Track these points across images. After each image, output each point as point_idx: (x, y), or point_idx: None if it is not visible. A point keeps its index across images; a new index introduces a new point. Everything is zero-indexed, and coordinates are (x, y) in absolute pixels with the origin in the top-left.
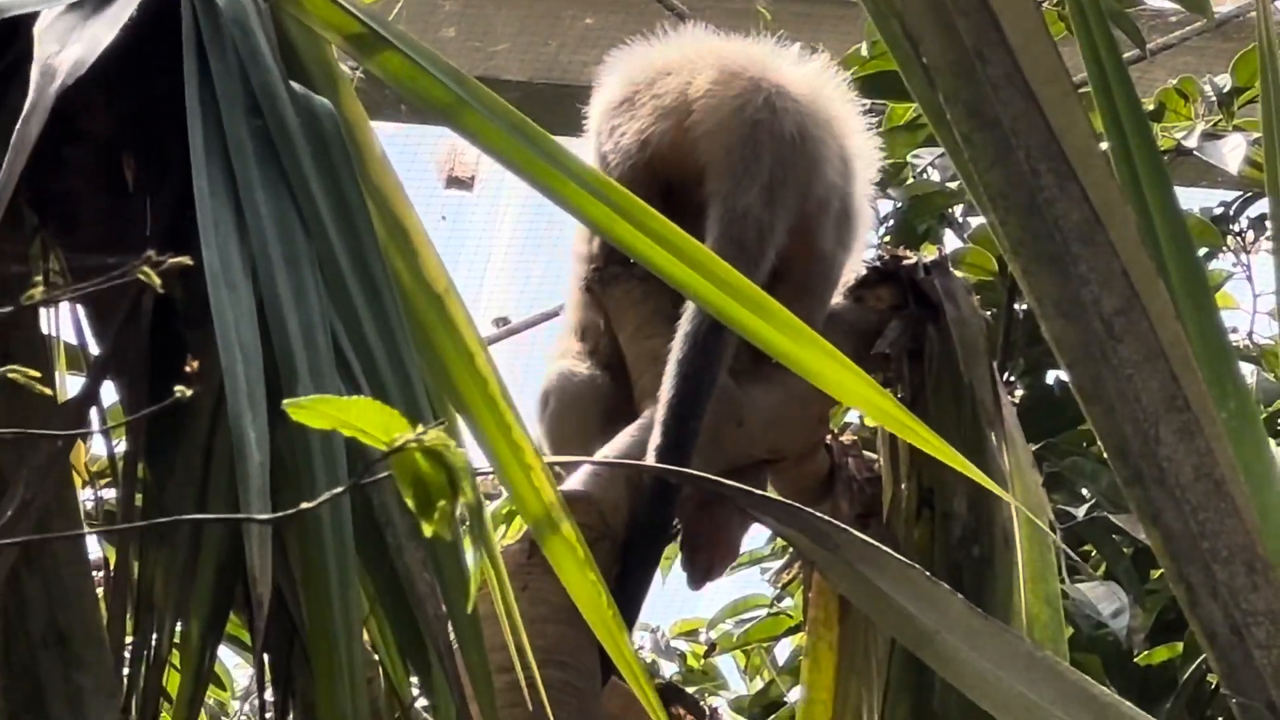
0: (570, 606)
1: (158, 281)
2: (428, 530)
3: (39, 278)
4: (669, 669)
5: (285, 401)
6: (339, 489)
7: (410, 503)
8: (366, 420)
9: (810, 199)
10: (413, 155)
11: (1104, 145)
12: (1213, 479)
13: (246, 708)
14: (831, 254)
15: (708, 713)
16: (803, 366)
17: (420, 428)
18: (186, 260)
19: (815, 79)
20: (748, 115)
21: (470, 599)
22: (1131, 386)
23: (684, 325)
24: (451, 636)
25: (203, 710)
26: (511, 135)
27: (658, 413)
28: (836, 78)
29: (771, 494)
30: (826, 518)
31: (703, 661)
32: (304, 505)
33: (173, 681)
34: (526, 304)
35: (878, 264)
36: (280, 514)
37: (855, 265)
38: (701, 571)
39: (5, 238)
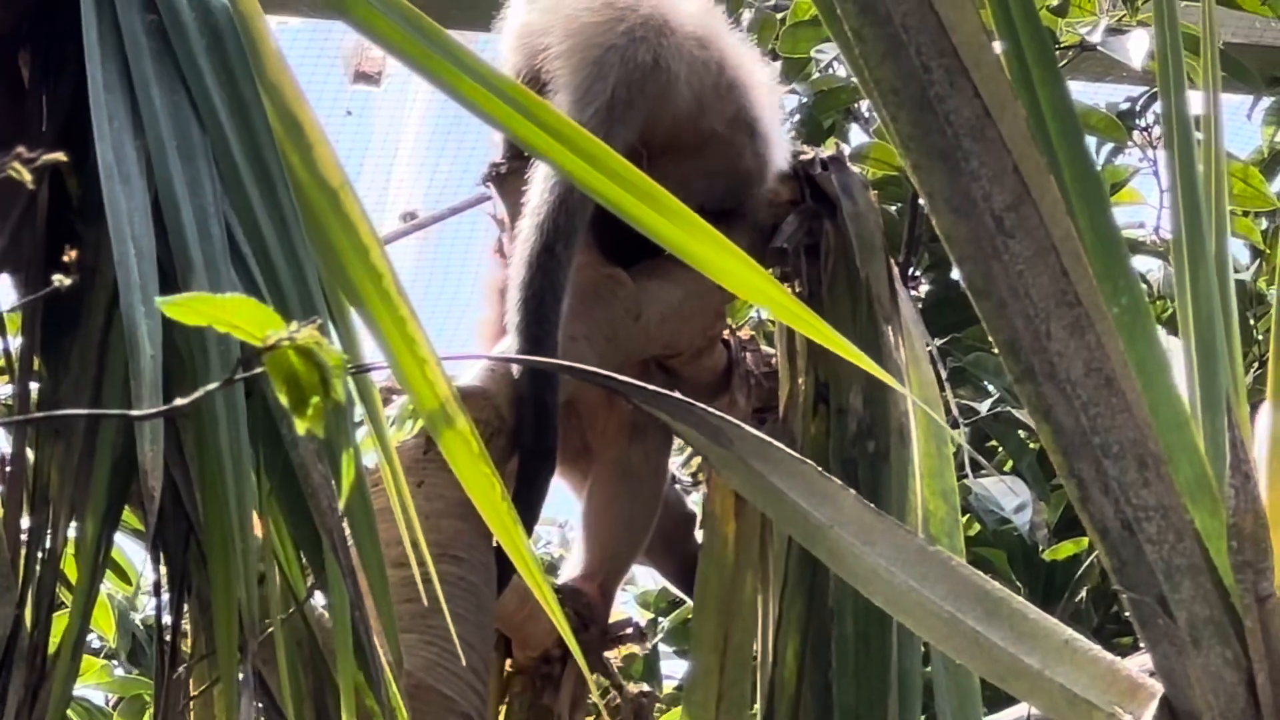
0: (466, 501)
1: (29, 178)
2: (301, 428)
3: None
4: None
5: (159, 300)
6: (214, 384)
7: (283, 400)
8: (242, 317)
9: (661, 127)
10: (319, 50)
11: (997, 45)
12: (1103, 374)
13: (155, 602)
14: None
15: (629, 629)
16: (699, 261)
17: (293, 325)
18: (61, 156)
19: (700, 18)
20: (601, 40)
21: (345, 484)
22: (1022, 282)
23: (519, 249)
24: (346, 531)
25: (112, 605)
26: (405, 29)
27: (509, 337)
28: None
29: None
30: (719, 413)
31: None
32: (179, 401)
33: (73, 573)
34: (434, 198)
35: None
36: (164, 408)
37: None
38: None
39: None
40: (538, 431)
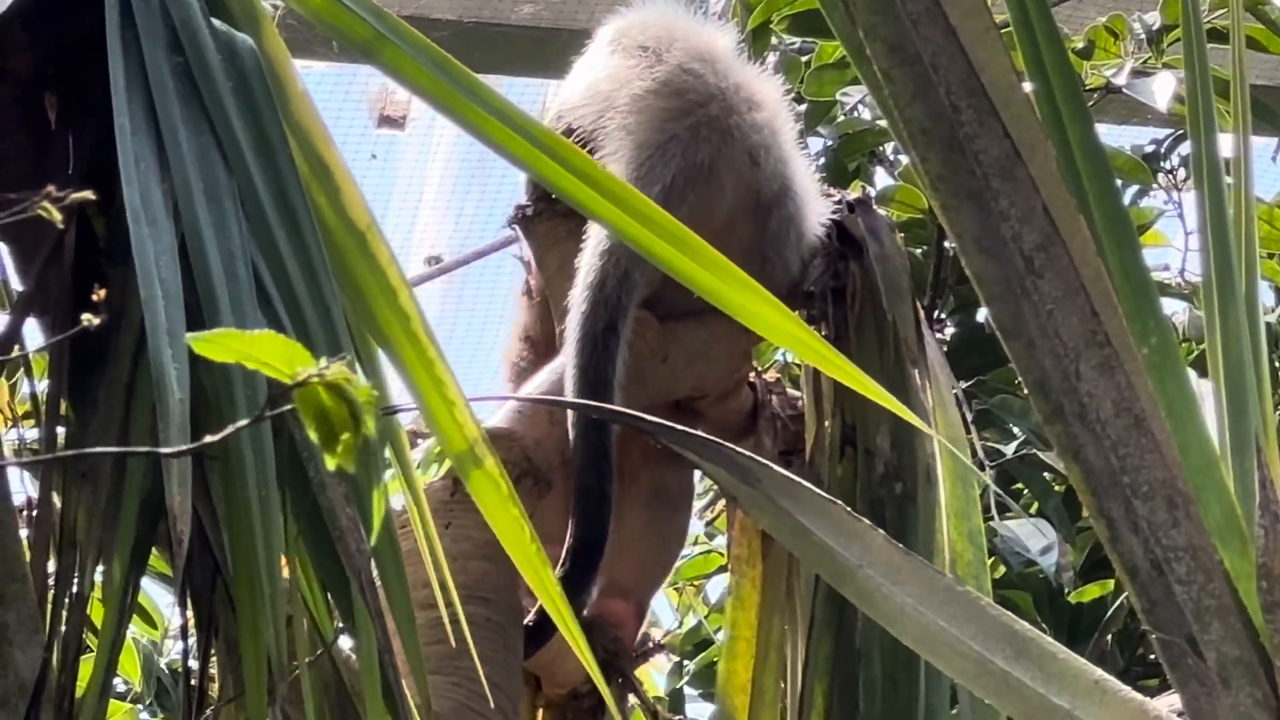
0: (493, 543)
1: (58, 217)
2: (331, 463)
3: None
4: None
5: (189, 335)
6: (243, 422)
7: (313, 436)
8: (270, 354)
9: (711, 225)
10: (344, 94)
11: (1027, 85)
12: (1133, 414)
13: (180, 646)
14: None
15: (649, 645)
16: (727, 303)
17: (323, 361)
18: (89, 195)
19: (764, 125)
20: (667, 126)
21: (375, 526)
22: (1052, 322)
23: (579, 322)
24: (374, 573)
25: (138, 649)
26: (433, 71)
27: (567, 378)
28: (787, 116)
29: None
30: (748, 453)
31: None
32: (207, 439)
33: (99, 616)
34: (459, 242)
35: None
36: (192, 446)
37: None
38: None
39: None
40: (599, 474)
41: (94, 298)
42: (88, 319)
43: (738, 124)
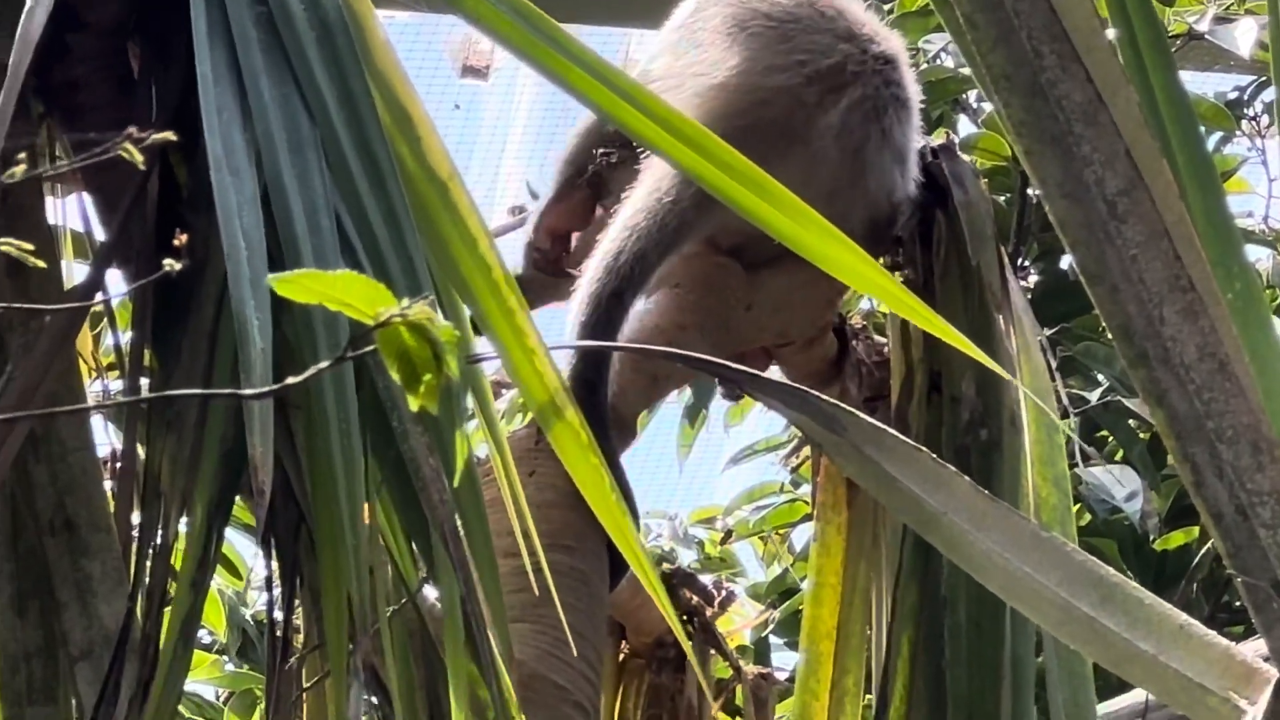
0: (577, 491)
1: (140, 158)
2: (414, 404)
3: (45, 164)
4: (687, 556)
5: (270, 276)
6: (326, 363)
7: (395, 376)
8: (352, 294)
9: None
10: (427, 44)
11: (1109, 31)
12: (1217, 359)
13: (265, 597)
14: None
15: (722, 594)
16: (810, 251)
17: (405, 301)
18: (171, 136)
19: (848, 107)
20: (722, 126)
21: (457, 472)
22: (1135, 267)
23: (586, 286)
24: (457, 522)
25: (222, 600)
26: (515, 20)
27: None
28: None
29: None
30: (834, 401)
31: (720, 548)
32: (290, 380)
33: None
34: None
35: None
36: (274, 387)
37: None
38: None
39: (12, 127)
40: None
41: (175, 244)
42: (169, 264)
43: (800, 123)
